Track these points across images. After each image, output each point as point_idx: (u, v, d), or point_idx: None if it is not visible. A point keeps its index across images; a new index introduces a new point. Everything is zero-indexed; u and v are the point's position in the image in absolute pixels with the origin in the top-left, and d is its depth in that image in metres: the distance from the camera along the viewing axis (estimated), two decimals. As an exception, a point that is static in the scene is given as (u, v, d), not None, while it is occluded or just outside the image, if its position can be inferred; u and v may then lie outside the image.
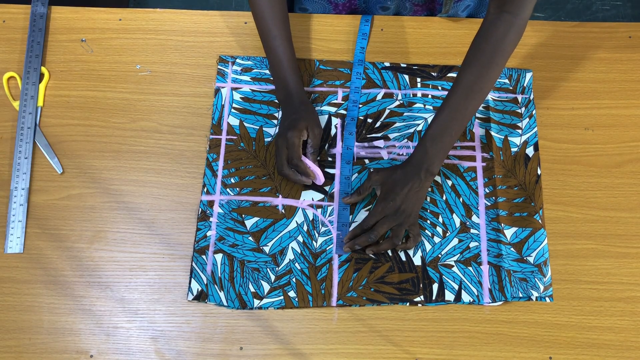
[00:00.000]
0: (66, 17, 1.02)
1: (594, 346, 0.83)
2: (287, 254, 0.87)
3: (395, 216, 0.85)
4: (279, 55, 0.91)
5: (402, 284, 0.86)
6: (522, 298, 0.85)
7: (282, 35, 0.91)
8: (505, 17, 0.82)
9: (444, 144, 0.85)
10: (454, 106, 0.84)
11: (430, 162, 0.85)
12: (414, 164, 0.85)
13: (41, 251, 0.88)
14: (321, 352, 0.83)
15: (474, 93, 0.84)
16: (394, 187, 0.85)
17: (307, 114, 0.90)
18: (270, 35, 0.91)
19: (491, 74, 0.84)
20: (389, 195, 0.85)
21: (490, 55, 0.83)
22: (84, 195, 0.91)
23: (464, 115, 0.85)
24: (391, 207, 0.85)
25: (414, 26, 1.02)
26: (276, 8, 0.90)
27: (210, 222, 0.89)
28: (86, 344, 0.83)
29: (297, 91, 0.91)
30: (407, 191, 0.85)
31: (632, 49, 1.00)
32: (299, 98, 0.91)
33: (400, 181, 0.85)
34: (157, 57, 0.99)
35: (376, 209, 0.86)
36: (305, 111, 0.90)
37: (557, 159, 0.93)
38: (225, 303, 0.85)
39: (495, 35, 0.83)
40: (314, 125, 0.89)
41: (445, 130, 0.85)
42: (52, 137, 0.94)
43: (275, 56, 0.92)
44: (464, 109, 0.84)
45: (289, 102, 0.91)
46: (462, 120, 0.85)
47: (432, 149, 0.85)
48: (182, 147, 0.94)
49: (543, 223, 0.89)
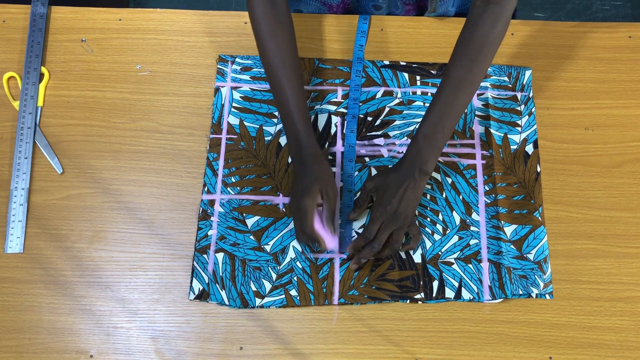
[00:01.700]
0: (66, 17, 1.02)
1: (594, 346, 0.83)
2: (288, 252, 0.87)
3: (394, 220, 0.84)
4: (290, 107, 0.86)
5: (403, 282, 0.86)
6: (522, 295, 0.85)
7: (292, 86, 0.86)
8: (492, 9, 0.81)
9: (437, 142, 0.84)
10: (444, 102, 0.83)
11: (424, 161, 0.83)
12: (407, 165, 0.84)
13: (41, 251, 0.88)
14: (321, 352, 0.83)
15: (464, 88, 0.83)
16: (389, 190, 0.84)
17: (320, 173, 0.84)
18: (280, 87, 0.86)
19: (480, 67, 0.83)
20: (385, 200, 0.84)
21: (479, 48, 0.82)
22: (84, 195, 0.91)
23: (455, 111, 0.83)
24: (389, 212, 0.84)
25: (413, 26, 1.02)
26: (287, 57, 0.86)
27: (211, 221, 0.89)
28: (86, 344, 0.83)
29: (308, 145, 0.85)
30: (402, 193, 0.84)
31: (632, 49, 1.00)
32: (312, 153, 0.85)
33: (395, 184, 0.84)
34: (157, 57, 0.99)
35: (374, 215, 0.85)
36: (318, 170, 0.84)
37: (557, 159, 0.93)
38: (226, 302, 0.85)
39: (483, 27, 0.81)
40: (327, 187, 0.84)
41: (437, 128, 0.83)
42: (52, 137, 0.94)
43: (285, 107, 0.86)
44: (455, 105, 0.83)
45: (300, 158, 0.85)
46: (453, 117, 0.84)
47: (425, 147, 0.83)
48: (182, 147, 0.94)
49: (543, 220, 0.89)
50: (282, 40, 0.86)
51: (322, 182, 0.83)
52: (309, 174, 0.84)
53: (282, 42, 0.86)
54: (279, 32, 0.86)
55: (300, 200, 0.82)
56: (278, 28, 0.86)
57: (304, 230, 0.82)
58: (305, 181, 0.83)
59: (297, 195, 0.83)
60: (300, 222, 0.82)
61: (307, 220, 0.81)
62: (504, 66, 0.98)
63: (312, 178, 0.83)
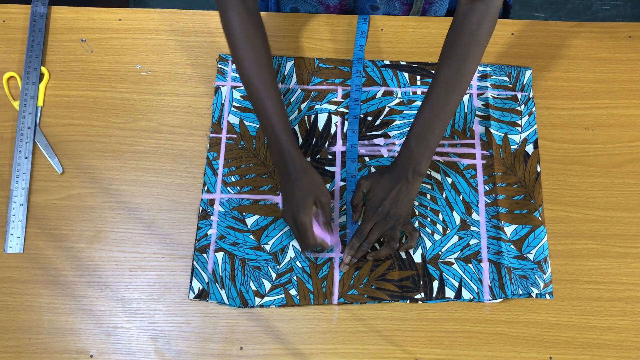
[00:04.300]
0: (66, 17, 1.02)
1: (594, 346, 0.83)
2: (288, 252, 0.87)
3: (386, 221, 0.85)
4: (270, 117, 0.84)
5: (403, 282, 0.86)
6: (522, 295, 0.85)
7: (271, 95, 0.84)
8: (478, 7, 0.80)
9: (429, 142, 0.83)
10: (435, 103, 0.83)
11: (417, 163, 0.83)
12: (400, 166, 0.84)
13: (41, 251, 0.87)
14: (321, 352, 0.83)
15: (454, 88, 0.82)
16: (381, 192, 0.85)
17: (310, 184, 0.83)
18: (259, 97, 0.84)
19: (469, 67, 0.82)
20: (376, 202, 0.85)
21: (466, 47, 0.81)
22: (84, 195, 0.91)
23: (446, 112, 0.83)
24: (380, 214, 0.84)
25: (413, 26, 1.02)
26: (264, 63, 0.85)
27: (211, 220, 0.89)
28: (86, 344, 0.83)
29: (293, 155, 0.84)
30: (394, 195, 0.84)
31: (632, 49, 1.00)
32: (298, 165, 0.84)
33: (387, 186, 0.84)
34: (157, 57, 0.99)
35: (367, 215, 0.86)
36: (307, 182, 0.83)
37: (557, 159, 0.93)
38: (226, 301, 0.85)
39: (469, 26, 0.81)
40: (320, 195, 0.83)
41: (429, 129, 0.83)
42: (52, 137, 0.94)
43: (265, 118, 0.84)
44: (445, 105, 0.83)
45: (286, 170, 0.84)
46: (444, 117, 0.83)
47: (417, 149, 0.83)
48: (182, 147, 0.94)
49: (543, 220, 0.89)
50: (258, 48, 0.85)
51: (314, 193, 0.83)
52: (300, 188, 0.83)
53: (259, 50, 0.85)
54: (255, 39, 0.85)
55: (297, 217, 0.82)
56: (254, 34, 0.84)
57: (307, 244, 0.83)
58: (297, 196, 0.83)
59: (293, 212, 0.83)
60: (302, 237, 0.83)
61: (308, 235, 0.82)
62: (504, 66, 0.98)
63: (303, 192, 0.83)
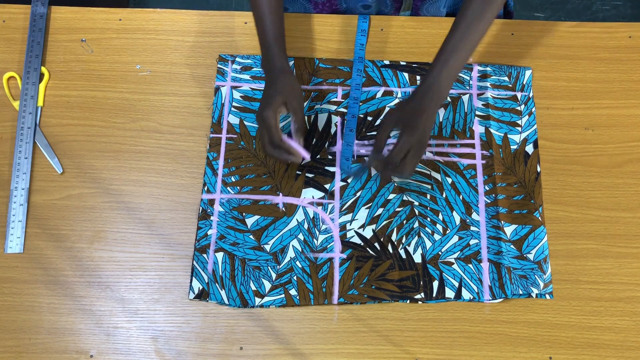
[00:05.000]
0: (66, 17, 1.02)
1: (594, 346, 0.83)
2: (288, 252, 0.87)
3: (419, 147, 0.82)
4: (266, 26, 0.87)
5: (403, 282, 0.86)
6: (522, 295, 0.85)
7: (272, 10, 0.87)
8: None
9: (452, 71, 0.83)
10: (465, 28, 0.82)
11: (441, 87, 0.82)
12: (424, 92, 0.82)
13: (41, 251, 0.88)
14: (321, 352, 0.83)
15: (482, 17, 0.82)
16: (413, 117, 0.82)
17: (284, 86, 0.83)
18: (261, 10, 0.87)
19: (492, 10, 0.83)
20: (410, 128, 0.81)
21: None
22: (84, 195, 0.91)
23: (471, 41, 0.83)
24: (416, 139, 0.81)
25: (413, 26, 1.02)
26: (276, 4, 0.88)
27: (211, 220, 0.89)
28: (86, 344, 0.83)
29: (277, 58, 0.86)
30: (425, 119, 0.82)
31: (632, 49, 1.00)
32: (280, 66, 0.85)
33: (418, 111, 0.82)
34: (157, 57, 0.99)
35: (401, 143, 0.81)
36: (282, 82, 0.84)
37: (557, 159, 0.93)
38: (226, 301, 0.85)
39: None
40: (292, 98, 0.83)
41: (454, 55, 0.82)
42: (52, 137, 0.94)
43: (261, 27, 0.88)
44: (475, 31, 0.82)
45: (268, 70, 0.86)
46: (470, 46, 0.83)
47: (442, 74, 0.82)
48: (182, 147, 0.94)
49: (543, 220, 0.89)
50: None
51: (286, 94, 0.83)
52: (273, 86, 0.84)
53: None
54: None
55: (263, 112, 0.82)
56: None
57: (272, 142, 0.82)
58: (269, 93, 0.83)
59: (261, 108, 0.83)
60: (267, 134, 0.82)
61: (271, 130, 0.81)
62: (504, 66, 0.98)
63: (275, 90, 0.83)
